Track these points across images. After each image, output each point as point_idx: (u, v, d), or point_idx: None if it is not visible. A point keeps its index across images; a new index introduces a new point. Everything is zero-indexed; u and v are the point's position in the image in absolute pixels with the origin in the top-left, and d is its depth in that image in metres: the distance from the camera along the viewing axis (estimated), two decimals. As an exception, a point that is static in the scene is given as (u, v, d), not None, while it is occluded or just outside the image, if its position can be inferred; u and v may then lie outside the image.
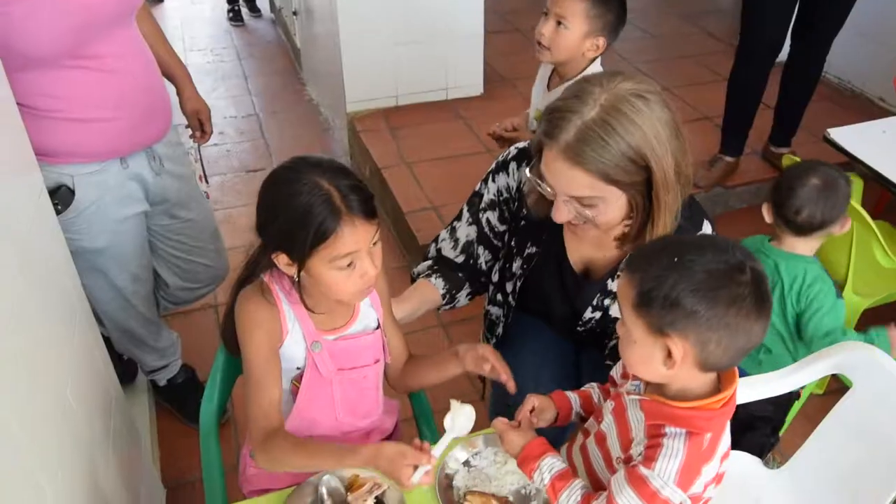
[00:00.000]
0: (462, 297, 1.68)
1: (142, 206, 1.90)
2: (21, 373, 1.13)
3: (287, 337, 1.29)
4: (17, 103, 1.40)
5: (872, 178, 2.27)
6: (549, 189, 1.31)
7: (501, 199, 1.59)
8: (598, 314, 1.53)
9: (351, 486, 1.23)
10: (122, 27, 1.70)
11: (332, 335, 1.33)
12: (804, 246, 1.78)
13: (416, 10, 3.55)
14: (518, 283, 1.60)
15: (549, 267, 1.55)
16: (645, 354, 1.05)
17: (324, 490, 1.22)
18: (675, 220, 1.37)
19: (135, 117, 1.75)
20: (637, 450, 1.11)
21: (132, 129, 1.76)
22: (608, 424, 1.19)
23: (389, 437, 1.52)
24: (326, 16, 3.59)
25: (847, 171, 2.48)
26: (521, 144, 1.57)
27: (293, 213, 1.15)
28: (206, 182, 2.29)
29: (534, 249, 1.55)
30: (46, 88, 1.60)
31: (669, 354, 1.02)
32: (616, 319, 1.41)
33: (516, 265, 1.59)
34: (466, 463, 1.29)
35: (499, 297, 1.67)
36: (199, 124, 2.17)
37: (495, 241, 1.63)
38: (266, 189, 1.21)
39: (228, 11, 5.64)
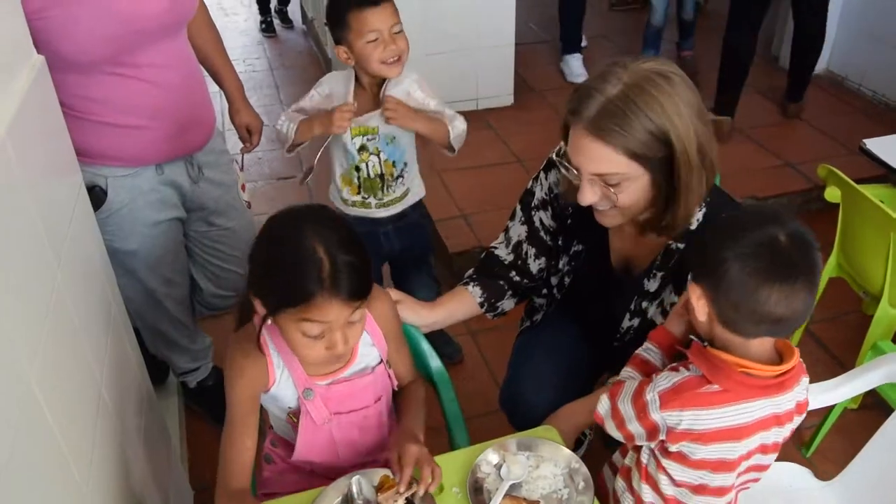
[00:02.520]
0: (507, 304, 1.70)
1: (177, 211, 1.91)
2: (58, 367, 1.15)
3: (274, 384, 1.29)
4: None
5: (910, 189, 2.24)
6: (574, 171, 1.32)
7: (552, 195, 1.59)
8: (636, 321, 1.52)
9: (381, 486, 1.23)
10: (167, 39, 1.71)
11: (325, 380, 1.31)
12: None
13: (447, 21, 3.57)
14: (566, 279, 1.61)
15: (592, 265, 1.55)
16: (690, 303, 1.14)
17: (354, 490, 1.22)
18: (701, 207, 1.37)
19: (172, 128, 1.76)
20: None
21: (168, 139, 1.77)
22: None
23: None
24: (358, 26, 3.62)
25: (882, 182, 2.47)
26: None
27: (278, 266, 1.14)
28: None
29: (580, 247, 1.56)
30: (83, 91, 1.62)
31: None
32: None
33: (563, 262, 1.60)
34: (499, 466, 1.28)
35: (544, 290, 1.68)
36: (249, 135, 2.17)
37: (546, 239, 1.62)
38: (264, 236, 1.19)
39: (261, 23, 5.71)
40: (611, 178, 1.28)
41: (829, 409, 2.04)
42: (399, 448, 1.23)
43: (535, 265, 1.66)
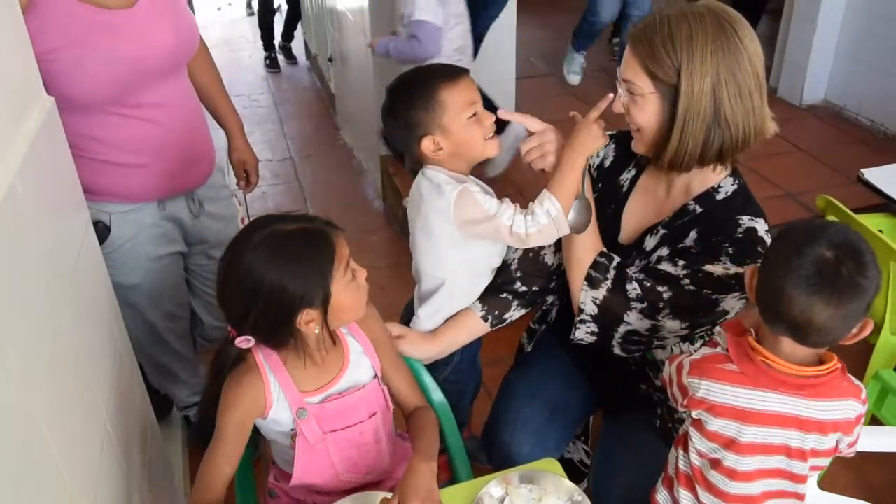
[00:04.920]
0: (514, 314, 1.67)
1: (178, 246, 1.93)
2: (64, 403, 1.16)
3: (272, 408, 1.31)
4: None
5: (908, 218, 2.25)
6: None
7: None
8: None
9: None
10: (169, 79, 1.74)
11: (317, 396, 1.33)
12: None
13: (449, 57, 3.62)
14: None
15: (604, 241, 1.53)
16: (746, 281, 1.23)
17: None
18: (734, 181, 1.44)
19: (173, 165, 1.79)
20: None
21: (170, 176, 1.80)
22: None
23: None
24: (361, 62, 3.68)
25: (881, 211, 2.48)
26: None
27: (299, 265, 1.19)
28: None
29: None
30: (86, 130, 1.65)
31: None
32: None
33: None
34: (502, 500, 1.29)
35: (558, 281, 1.66)
36: (246, 174, 2.21)
37: None
38: (256, 268, 1.19)
39: (265, 59, 5.80)
40: (633, 87, 1.36)
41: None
42: (402, 494, 1.23)
43: (554, 258, 1.63)
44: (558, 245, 1.60)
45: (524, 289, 1.64)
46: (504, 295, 1.64)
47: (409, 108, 1.47)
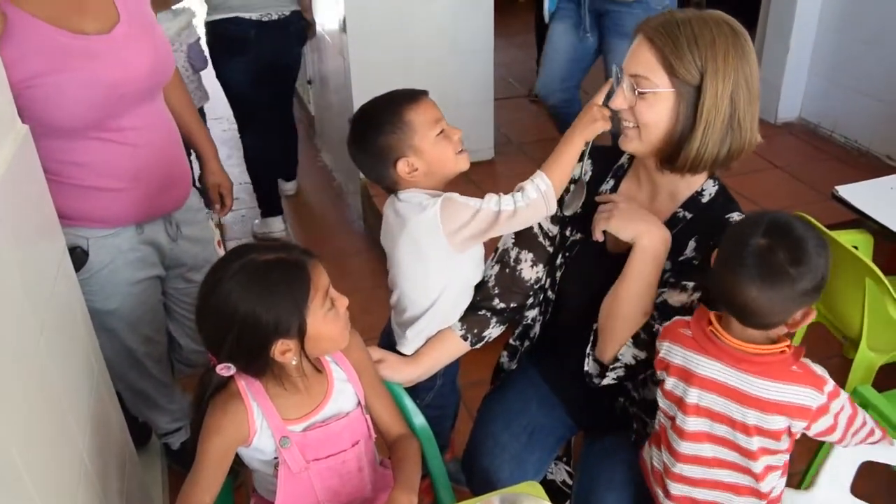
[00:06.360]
0: (493, 332, 1.65)
1: (156, 270, 1.92)
2: (40, 434, 1.14)
3: (255, 435, 1.30)
4: None
5: (882, 234, 2.28)
6: (619, 77, 1.40)
7: None
8: None
9: None
10: (147, 102, 1.74)
11: (300, 424, 1.32)
12: None
13: (428, 79, 3.59)
14: (559, 274, 1.59)
15: (589, 253, 1.53)
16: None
17: None
18: (715, 183, 1.45)
19: (151, 188, 1.78)
20: None
21: (148, 199, 1.79)
22: None
23: None
24: (340, 85, 3.69)
25: (856, 228, 2.51)
26: None
27: (273, 295, 1.18)
28: (224, 249, 2.31)
29: (578, 236, 1.56)
30: (65, 155, 1.64)
31: None
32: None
33: (559, 259, 1.59)
34: (483, 522, 1.28)
35: (531, 298, 1.66)
36: (221, 197, 2.21)
37: (546, 244, 1.60)
38: (231, 298, 1.19)
39: (244, 81, 5.78)
40: (643, 83, 1.35)
41: (820, 442, 2.03)
42: None
43: (531, 272, 1.61)
44: (535, 259, 1.60)
45: (502, 305, 1.63)
46: (482, 312, 1.62)
47: (379, 134, 1.48)
